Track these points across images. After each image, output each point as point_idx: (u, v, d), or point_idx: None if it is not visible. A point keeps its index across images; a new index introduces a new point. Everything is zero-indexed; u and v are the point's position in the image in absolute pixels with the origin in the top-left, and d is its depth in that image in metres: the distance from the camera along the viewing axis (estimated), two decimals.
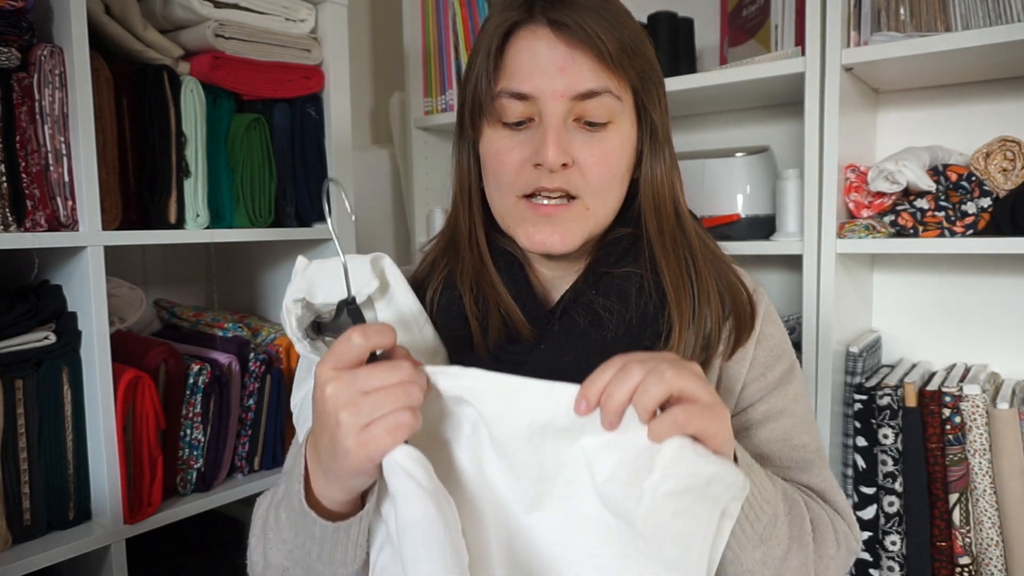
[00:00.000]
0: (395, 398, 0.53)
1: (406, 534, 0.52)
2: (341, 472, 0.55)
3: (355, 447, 0.52)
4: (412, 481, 0.52)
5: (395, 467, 0.53)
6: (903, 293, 1.48)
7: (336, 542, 0.59)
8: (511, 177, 0.70)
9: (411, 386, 0.54)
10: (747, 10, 1.50)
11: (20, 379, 1.07)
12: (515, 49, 0.69)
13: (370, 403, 0.52)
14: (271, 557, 0.64)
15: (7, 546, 1.07)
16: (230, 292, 1.72)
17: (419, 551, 0.51)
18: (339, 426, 0.53)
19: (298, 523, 0.60)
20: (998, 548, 1.16)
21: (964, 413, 1.18)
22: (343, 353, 0.54)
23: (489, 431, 0.58)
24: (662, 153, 0.74)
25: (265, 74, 1.35)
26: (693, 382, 0.53)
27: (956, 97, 1.40)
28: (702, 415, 0.52)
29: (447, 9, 1.74)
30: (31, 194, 1.06)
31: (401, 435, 0.52)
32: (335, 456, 0.54)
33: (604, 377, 0.54)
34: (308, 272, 0.67)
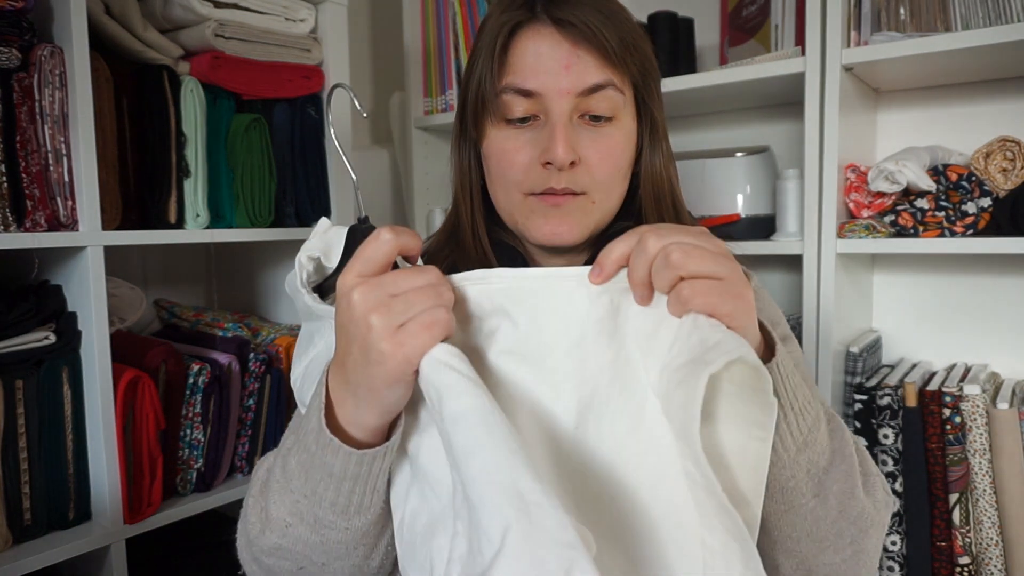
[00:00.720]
0: (427, 297, 0.50)
1: (460, 423, 0.46)
2: (375, 383, 0.51)
3: (391, 348, 0.49)
4: (459, 374, 0.48)
5: (436, 364, 0.49)
6: (903, 293, 1.48)
7: (356, 478, 0.55)
8: (519, 176, 0.70)
9: (441, 286, 0.52)
10: (747, 10, 1.50)
11: (20, 379, 1.07)
12: (519, 48, 0.69)
13: (401, 303, 0.50)
14: (273, 512, 0.59)
15: (7, 546, 1.07)
16: (230, 292, 1.72)
17: (479, 435, 0.46)
18: (371, 329, 0.49)
19: (312, 463, 0.56)
20: (998, 548, 1.16)
21: (964, 413, 1.18)
22: (370, 254, 0.52)
23: (523, 339, 0.55)
24: (660, 147, 0.75)
25: (265, 74, 1.35)
26: (702, 262, 0.51)
27: (956, 97, 1.40)
28: (710, 292, 0.51)
29: (447, 9, 1.74)
30: (31, 194, 1.06)
31: (438, 332, 0.49)
32: (368, 365, 0.50)
33: (620, 247, 0.53)
34: (328, 234, 0.65)
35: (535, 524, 0.42)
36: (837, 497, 0.60)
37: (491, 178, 0.74)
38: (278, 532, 0.59)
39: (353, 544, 0.58)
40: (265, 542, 0.59)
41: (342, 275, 0.52)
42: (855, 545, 0.62)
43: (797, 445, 0.57)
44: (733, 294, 0.52)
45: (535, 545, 0.41)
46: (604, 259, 0.54)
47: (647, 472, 0.53)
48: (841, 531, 0.61)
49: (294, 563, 0.59)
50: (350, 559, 0.59)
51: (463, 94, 0.75)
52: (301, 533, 0.58)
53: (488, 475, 0.44)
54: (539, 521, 0.42)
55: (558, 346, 0.55)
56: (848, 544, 0.62)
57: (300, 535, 0.58)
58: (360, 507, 0.56)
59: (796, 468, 0.57)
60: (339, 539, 0.58)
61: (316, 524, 0.57)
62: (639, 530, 0.52)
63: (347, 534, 0.57)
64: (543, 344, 0.55)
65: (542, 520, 0.42)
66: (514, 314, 0.56)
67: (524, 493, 0.43)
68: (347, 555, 0.59)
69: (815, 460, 0.58)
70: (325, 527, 0.57)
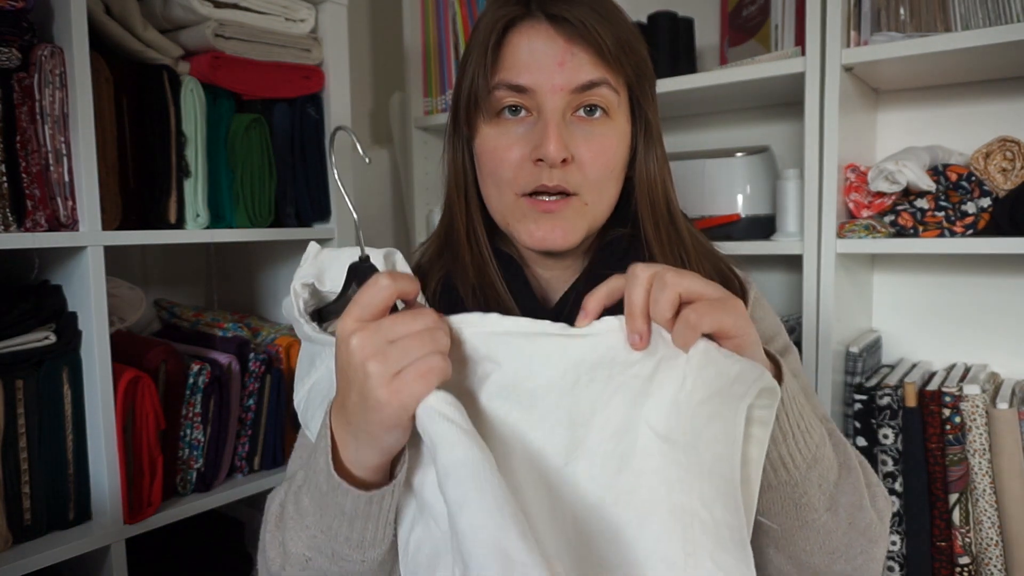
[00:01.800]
0: (423, 343, 0.51)
1: (451, 476, 0.48)
2: (373, 429, 0.52)
3: (387, 396, 0.50)
4: (452, 424, 0.50)
5: (431, 413, 0.50)
6: (903, 293, 1.48)
7: (368, 517, 0.56)
8: (510, 175, 0.69)
9: (437, 331, 0.52)
10: (747, 10, 1.50)
11: (20, 379, 1.07)
12: (513, 44, 0.69)
13: (398, 351, 0.50)
14: (292, 548, 0.61)
15: (7, 546, 1.07)
16: (230, 292, 1.72)
17: (468, 491, 0.47)
18: (368, 377, 0.50)
19: (324, 503, 0.57)
20: (998, 548, 1.17)
21: (964, 413, 1.18)
22: (368, 300, 0.52)
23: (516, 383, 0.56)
24: (655, 150, 0.74)
25: (265, 74, 1.35)
26: (695, 281, 0.52)
27: (956, 97, 1.40)
28: (713, 310, 0.51)
29: (447, 9, 1.74)
30: (31, 194, 1.06)
31: (433, 379, 0.51)
32: (366, 411, 0.51)
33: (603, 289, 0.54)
34: (319, 258, 0.66)
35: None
36: (847, 510, 0.61)
37: (483, 176, 0.73)
38: (299, 566, 0.60)
39: (371, 573, 0.60)
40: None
41: (341, 319, 0.53)
42: (865, 555, 0.63)
43: (807, 462, 0.58)
44: (731, 308, 0.52)
45: None
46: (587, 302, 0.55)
47: (634, 510, 0.54)
48: (851, 542, 0.62)
49: None
50: None
51: (456, 91, 0.74)
52: (321, 565, 0.59)
53: (475, 532, 0.46)
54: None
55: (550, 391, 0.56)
56: (859, 554, 0.63)
57: (320, 568, 0.60)
58: (374, 541, 0.58)
59: (808, 484, 0.58)
60: (357, 570, 0.59)
61: (334, 557, 0.59)
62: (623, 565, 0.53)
63: (364, 565, 0.59)
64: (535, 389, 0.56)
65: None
66: (505, 360, 0.56)
67: (509, 552, 0.45)
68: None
69: (825, 475, 0.59)
70: (343, 559, 0.59)
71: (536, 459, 0.56)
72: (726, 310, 0.52)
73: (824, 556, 0.61)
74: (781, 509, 0.59)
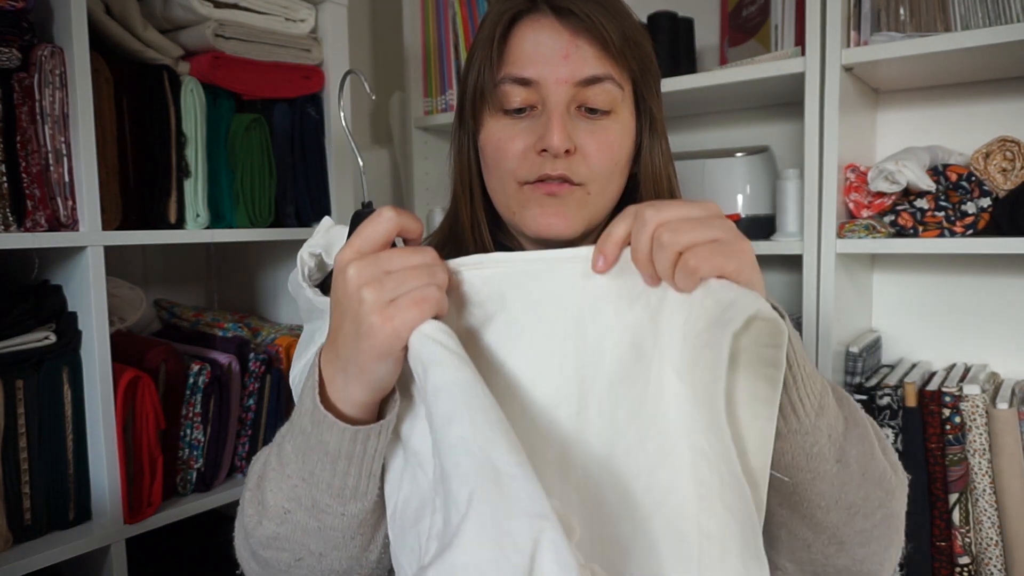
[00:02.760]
0: (420, 275, 0.51)
1: (441, 393, 0.46)
2: (363, 358, 0.51)
3: (380, 322, 0.50)
4: (445, 349, 0.48)
5: (424, 339, 0.49)
6: (903, 293, 1.48)
7: (352, 457, 0.55)
8: (514, 165, 0.69)
9: (435, 267, 0.52)
10: (747, 10, 1.50)
11: (20, 379, 1.07)
12: (518, 37, 0.69)
13: (394, 280, 0.50)
14: (270, 500, 0.58)
15: (7, 546, 1.07)
16: (230, 292, 1.72)
17: (457, 406, 0.45)
18: (362, 303, 0.50)
19: (308, 444, 0.56)
20: (998, 548, 1.16)
21: (964, 413, 1.18)
22: (370, 232, 0.52)
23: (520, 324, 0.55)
24: (659, 145, 0.74)
25: (265, 74, 1.35)
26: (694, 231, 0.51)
27: (956, 97, 1.40)
28: (713, 254, 0.50)
29: (447, 9, 1.74)
30: (31, 194, 1.06)
31: (428, 308, 0.50)
32: (358, 339, 0.51)
33: (619, 228, 0.53)
34: (331, 232, 0.65)
35: (504, 494, 0.41)
36: (858, 460, 0.59)
37: (487, 169, 0.73)
38: (276, 519, 0.58)
39: (351, 533, 0.58)
40: (263, 532, 0.59)
41: (340, 251, 0.53)
42: (884, 508, 0.61)
43: (815, 409, 0.56)
44: (735, 250, 0.51)
45: (503, 514, 0.40)
46: (604, 243, 0.54)
47: (646, 458, 0.52)
48: (868, 495, 0.60)
49: (292, 554, 0.59)
50: (347, 549, 0.58)
51: (462, 86, 0.74)
52: (300, 519, 0.57)
53: (463, 443, 0.44)
54: (510, 491, 0.41)
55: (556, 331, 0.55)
56: (877, 508, 0.61)
57: (299, 521, 0.57)
58: (356, 491, 0.56)
59: (818, 433, 0.56)
60: (336, 525, 0.57)
61: (314, 508, 0.57)
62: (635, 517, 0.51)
63: (343, 520, 0.57)
64: (541, 329, 0.55)
65: (514, 490, 0.41)
66: (510, 299, 0.55)
67: (497, 463, 0.42)
68: (344, 545, 0.58)
69: (833, 424, 0.57)
70: (322, 511, 0.57)
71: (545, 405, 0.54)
72: (728, 254, 0.51)
73: (841, 512, 0.59)
74: (792, 460, 0.56)
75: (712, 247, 0.50)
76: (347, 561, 0.59)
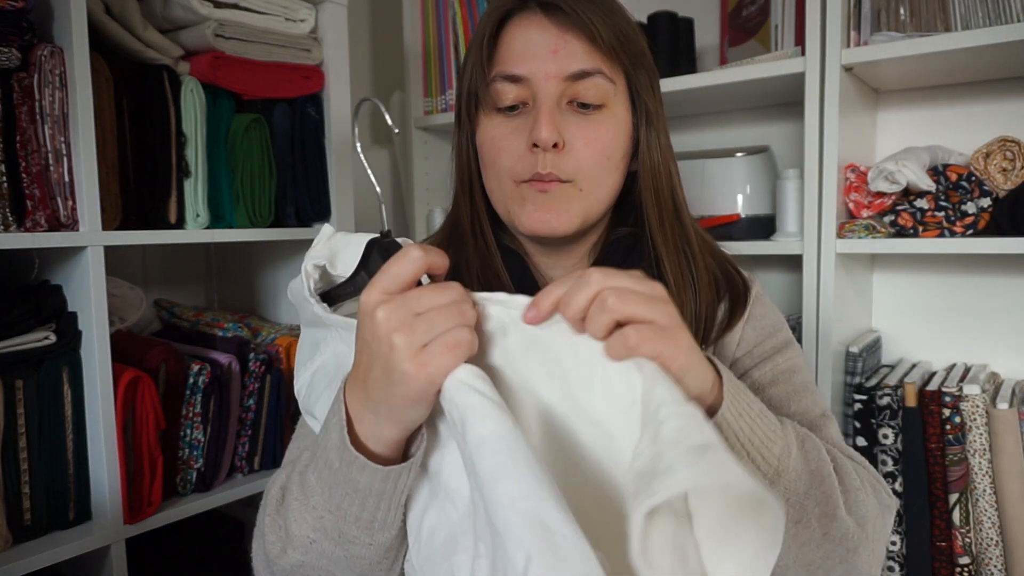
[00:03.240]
0: (450, 316, 0.49)
1: (484, 447, 0.45)
2: (396, 402, 0.51)
3: (413, 369, 0.48)
4: (483, 397, 0.47)
5: (460, 386, 0.48)
6: (903, 293, 1.48)
7: (382, 495, 0.55)
8: (509, 163, 0.70)
9: (464, 304, 0.51)
10: (747, 10, 1.50)
11: (20, 379, 1.07)
12: (508, 36, 0.70)
13: (424, 323, 0.49)
14: (295, 530, 0.58)
15: (7, 546, 1.07)
16: (230, 292, 1.72)
17: (503, 461, 0.44)
18: (393, 349, 0.49)
19: (335, 480, 0.56)
20: (998, 548, 1.16)
21: (964, 413, 1.18)
22: (396, 271, 0.51)
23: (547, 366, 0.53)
24: (658, 140, 0.74)
25: (265, 74, 1.35)
26: (641, 306, 0.50)
27: (956, 97, 1.40)
28: (655, 336, 0.49)
29: (447, 9, 1.74)
30: (31, 194, 1.06)
31: (462, 353, 0.49)
32: (390, 385, 0.50)
33: (562, 288, 0.52)
34: (333, 241, 0.65)
35: (559, 556, 0.41)
36: (819, 520, 0.59)
37: (485, 168, 0.74)
38: (301, 549, 0.58)
39: (377, 559, 0.58)
40: (287, 561, 0.59)
41: (366, 291, 0.52)
42: (844, 564, 0.61)
43: (769, 478, 0.56)
44: (674, 339, 0.50)
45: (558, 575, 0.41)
46: (541, 297, 0.52)
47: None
48: (828, 553, 0.60)
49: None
50: (373, 573, 0.59)
51: (459, 86, 0.76)
52: (325, 548, 0.58)
53: (513, 502, 0.43)
54: (564, 553, 0.41)
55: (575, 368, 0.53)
56: (838, 563, 0.61)
57: (324, 550, 0.58)
58: (384, 523, 0.56)
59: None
60: (363, 554, 0.57)
61: (341, 539, 0.57)
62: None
63: (371, 550, 0.57)
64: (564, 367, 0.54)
65: (567, 551, 0.41)
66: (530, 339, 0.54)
67: (549, 523, 0.42)
68: (370, 571, 0.59)
69: (791, 488, 0.58)
70: (349, 542, 0.57)
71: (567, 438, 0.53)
72: (667, 341, 0.50)
73: (800, 569, 0.59)
74: None
75: (654, 329, 0.50)
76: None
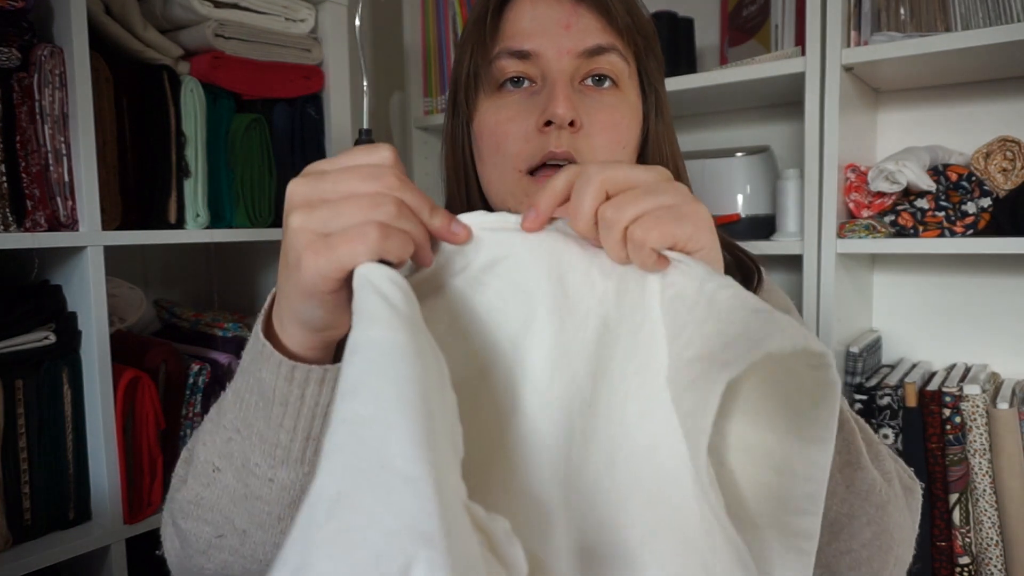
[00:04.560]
0: (362, 208, 0.41)
1: (357, 354, 0.34)
2: (289, 291, 0.44)
3: (305, 257, 0.41)
4: (382, 300, 0.38)
5: (364, 284, 0.39)
6: (903, 293, 1.48)
7: (286, 403, 0.47)
8: (516, 147, 0.62)
9: (384, 198, 0.41)
10: (747, 10, 1.50)
11: (20, 379, 1.07)
12: (514, 11, 0.64)
13: (329, 211, 0.41)
14: (201, 454, 0.52)
15: (7, 546, 1.07)
16: (230, 292, 1.72)
17: (365, 376, 0.33)
18: (289, 230, 0.43)
19: (245, 384, 0.49)
20: (998, 548, 1.16)
21: (964, 413, 1.18)
22: (340, 157, 0.45)
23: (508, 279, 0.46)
24: (668, 131, 0.70)
25: (265, 74, 1.35)
26: (638, 201, 0.44)
27: (956, 97, 1.40)
28: (659, 222, 0.43)
29: (447, 9, 1.74)
30: (31, 194, 1.06)
31: (364, 250, 0.40)
32: (287, 269, 0.44)
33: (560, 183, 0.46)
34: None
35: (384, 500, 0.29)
36: (841, 470, 0.53)
37: (482, 157, 0.67)
38: (203, 479, 0.52)
39: (278, 511, 0.50)
40: (186, 494, 0.53)
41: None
42: (874, 526, 0.54)
43: None
44: (685, 213, 0.44)
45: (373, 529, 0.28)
46: (540, 196, 0.46)
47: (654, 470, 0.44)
48: (854, 509, 0.54)
49: (213, 528, 0.52)
50: (272, 532, 0.51)
51: (455, 71, 0.68)
52: (228, 482, 0.50)
53: (354, 424, 0.31)
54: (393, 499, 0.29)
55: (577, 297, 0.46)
56: (866, 525, 0.54)
57: (227, 484, 0.51)
58: (288, 454, 0.48)
59: None
60: (263, 494, 0.50)
61: (244, 469, 0.50)
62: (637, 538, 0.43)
63: (271, 489, 0.49)
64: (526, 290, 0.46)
65: (399, 498, 0.29)
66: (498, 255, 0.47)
67: (388, 457, 0.30)
68: (270, 525, 0.50)
69: None
70: (251, 473, 0.49)
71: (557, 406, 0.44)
72: (678, 218, 0.44)
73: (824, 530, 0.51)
74: None
75: (658, 213, 0.44)
76: (273, 550, 0.51)
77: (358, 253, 0.40)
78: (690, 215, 0.44)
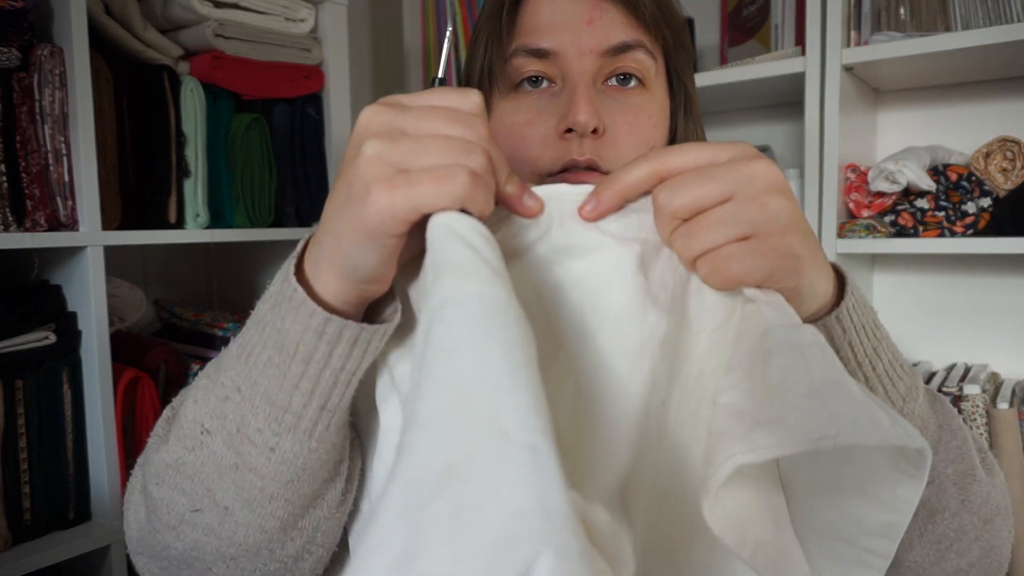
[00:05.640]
0: (451, 150, 0.36)
1: (449, 309, 0.30)
2: (342, 229, 0.37)
3: (377, 188, 0.35)
4: (476, 254, 0.33)
5: (448, 233, 0.34)
6: (903, 293, 1.48)
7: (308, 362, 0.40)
8: (536, 152, 0.57)
9: (474, 146, 0.37)
10: (747, 10, 1.50)
11: (20, 379, 1.07)
12: (532, 7, 0.58)
13: (413, 144, 0.36)
14: (190, 413, 0.44)
15: (7, 546, 1.07)
16: (230, 292, 1.72)
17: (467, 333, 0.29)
18: (360, 156, 0.36)
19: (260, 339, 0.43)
20: None
21: (964, 413, 1.18)
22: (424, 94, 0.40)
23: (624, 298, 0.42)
24: (697, 127, 0.65)
25: (265, 74, 1.35)
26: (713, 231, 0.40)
27: (956, 97, 1.40)
28: (729, 259, 0.40)
29: (447, 9, 1.74)
30: (31, 194, 1.06)
31: (450, 192, 0.35)
32: (346, 202, 0.37)
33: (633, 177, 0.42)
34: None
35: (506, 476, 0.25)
36: (955, 482, 0.47)
37: None
38: (188, 441, 0.44)
39: (271, 491, 0.42)
40: (165, 455, 0.45)
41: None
42: (982, 542, 0.49)
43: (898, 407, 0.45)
44: (767, 250, 0.39)
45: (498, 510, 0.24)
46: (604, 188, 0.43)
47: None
48: (964, 526, 0.48)
49: (190, 500, 0.43)
50: (260, 514, 0.43)
51: (467, 70, 0.64)
52: (217, 448, 0.43)
53: (460, 387, 0.27)
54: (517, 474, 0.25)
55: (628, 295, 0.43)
56: (974, 541, 0.48)
57: (215, 450, 0.43)
58: (298, 421, 0.41)
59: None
60: (258, 466, 0.42)
61: (238, 434, 0.42)
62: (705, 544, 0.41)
63: (269, 463, 0.42)
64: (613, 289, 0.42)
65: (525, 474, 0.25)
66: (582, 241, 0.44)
67: (506, 425, 0.26)
68: (259, 505, 0.43)
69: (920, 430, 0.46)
70: (247, 440, 0.42)
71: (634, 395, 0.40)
72: (758, 255, 0.39)
73: (927, 549, 0.47)
74: None
75: (732, 250, 0.40)
76: (256, 534, 0.43)
77: (443, 195, 0.35)
78: (771, 250, 0.40)
